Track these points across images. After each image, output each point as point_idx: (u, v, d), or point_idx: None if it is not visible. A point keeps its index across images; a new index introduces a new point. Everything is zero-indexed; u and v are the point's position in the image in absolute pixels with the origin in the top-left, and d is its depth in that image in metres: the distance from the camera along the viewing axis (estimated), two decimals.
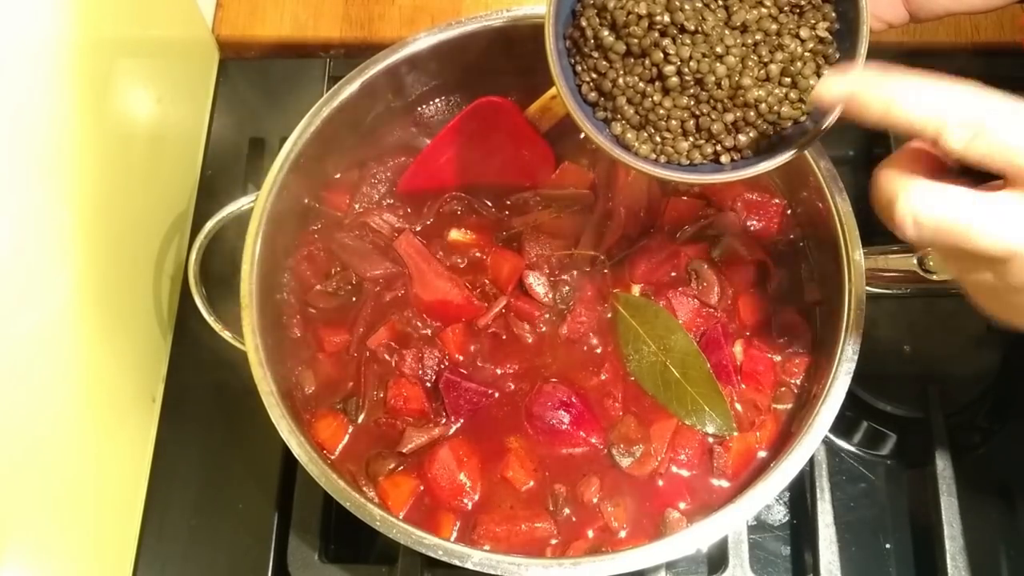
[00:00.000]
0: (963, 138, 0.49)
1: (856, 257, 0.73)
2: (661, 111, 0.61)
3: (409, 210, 0.84)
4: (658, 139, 0.63)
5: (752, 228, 0.82)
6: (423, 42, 0.81)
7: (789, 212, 0.82)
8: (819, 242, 0.79)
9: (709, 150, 0.63)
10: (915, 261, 0.72)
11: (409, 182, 0.84)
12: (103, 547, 0.80)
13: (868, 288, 0.72)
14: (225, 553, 0.83)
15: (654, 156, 0.63)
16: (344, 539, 0.81)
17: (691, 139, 0.63)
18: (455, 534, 0.72)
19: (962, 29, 1.01)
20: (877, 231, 0.76)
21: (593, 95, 0.64)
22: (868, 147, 0.95)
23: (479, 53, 0.82)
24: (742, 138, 0.62)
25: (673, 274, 0.80)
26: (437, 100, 0.87)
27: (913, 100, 0.50)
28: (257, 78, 1.02)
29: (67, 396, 0.73)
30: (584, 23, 0.62)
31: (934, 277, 0.71)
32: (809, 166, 0.75)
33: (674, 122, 0.62)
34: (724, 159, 0.63)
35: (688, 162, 0.63)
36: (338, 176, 0.85)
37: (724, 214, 0.82)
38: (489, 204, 0.84)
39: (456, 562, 0.66)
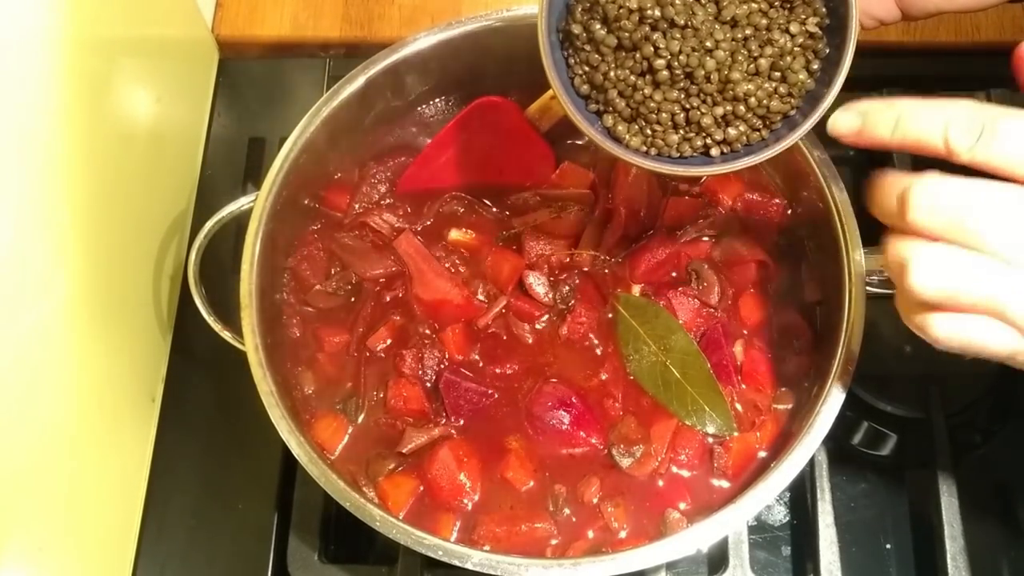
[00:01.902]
0: (969, 142, 0.51)
1: (856, 257, 0.72)
2: (652, 104, 0.62)
3: (409, 210, 0.84)
4: (649, 132, 0.63)
5: (752, 228, 0.82)
6: (423, 42, 0.81)
7: (789, 212, 0.82)
8: (819, 242, 0.78)
9: (699, 143, 0.63)
10: None
11: (409, 182, 0.84)
12: (102, 547, 0.80)
13: (868, 288, 0.72)
14: (225, 553, 0.83)
15: (644, 148, 0.64)
16: (344, 539, 0.81)
17: (681, 132, 0.63)
18: (455, 534, 0.72)
19: (962, 28, 1.01)
20: (878, 231, 0.77)
21: (585, 88, 0.65)
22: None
23: (479, 53, 0.82)
24: (731, 131, 0.63)
25: (673, 274, 0.80)
26: (437, 100, 0.87)
27: (919, 113, 0.53)
28: (257, 78, 1.02)
29: (66, 396, 0.73)
30: (576, 17, 0.63)
31: None
32: (809, 165, 0.75)
33: (664, 115, 0.62)
34: (714, 152, 0.64)
35: (678, 155, 0.64)
36: (338, 176, 0.85)
37: (725, 214, 0.82)
38: (489, 204, 0.84)
39: (456, 562, 0.65)
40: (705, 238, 0.81)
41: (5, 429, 0.65)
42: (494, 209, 0.84)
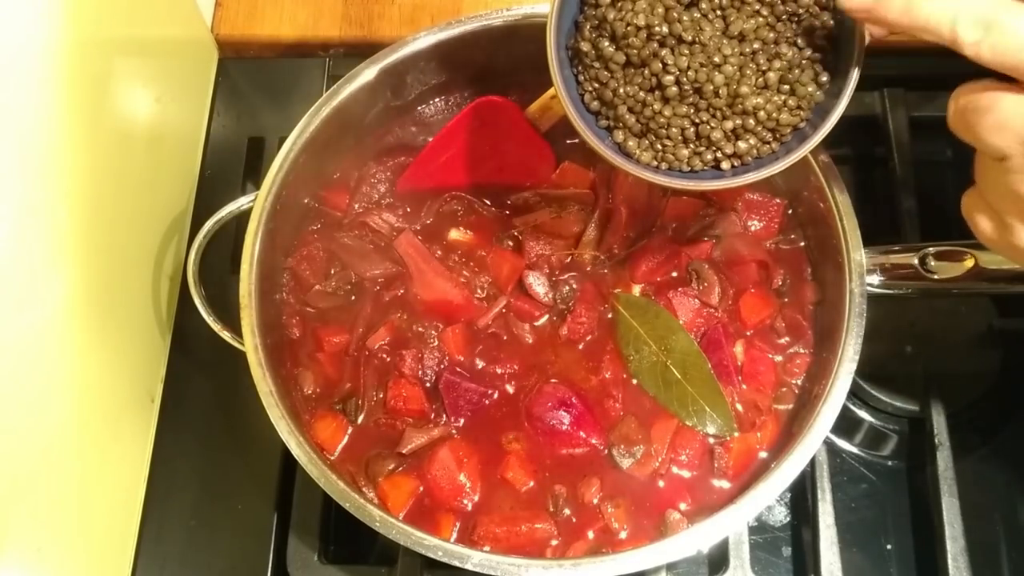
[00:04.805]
0: (976, 36, 0.48)
1: (857, 257, 0.72)
2: (661, 119, 0.62)
3: (409, 210, 0.84)
4: (659, 147, 0.64)
5: (753, 228, 0.82)
6: (423, 41, 0.80)
7: (790, 212, 0.82)
8: (820, 242, 0.78)
9: (709, 157, 0.63)
10: (916, 261, 0.72)
11: (409, 182, 0.84)
12: (102, 548, 0.80)
13: (869, 288, 0.72)
14: (224, 554, 0.83)
15: (655, 163, 0.64)
16: (344, 540, 0.81)
17: (691, 146, 0.63)
18: (455, 535, 0.72)
19: None
20: (878, 231, 0.77)
21: (595, 104, 0.65)
22: (869, 147, 0.95)
23: (479, 52, 0.82)
24: (742, 145, 0.63)
25: (674, 274, 0.80)
26: (437, 100, 0.87)
27: None
28: (256, 77, 1.02)
29: (65, 397, 0.73)
30: (585, 34, 0.63)
31: (935, 277, 0.71)
32: (810, 166, 0.75)
33: (674, 130, 0.62)
34: (724, 165, 0.64)
35: (689, 169, 0.64)
36: (338, 176, 0.85)
37: (725, 214, 0.82)
38: (489, 204, 0.84)
39: (456, 563, 0.65)
40: (705, 238, 0.81)
41: (4, 430, 0.65)
42: (494, 209, 0.84)
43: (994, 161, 0.52)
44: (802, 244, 0.81)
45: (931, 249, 0.71)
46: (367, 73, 0.80)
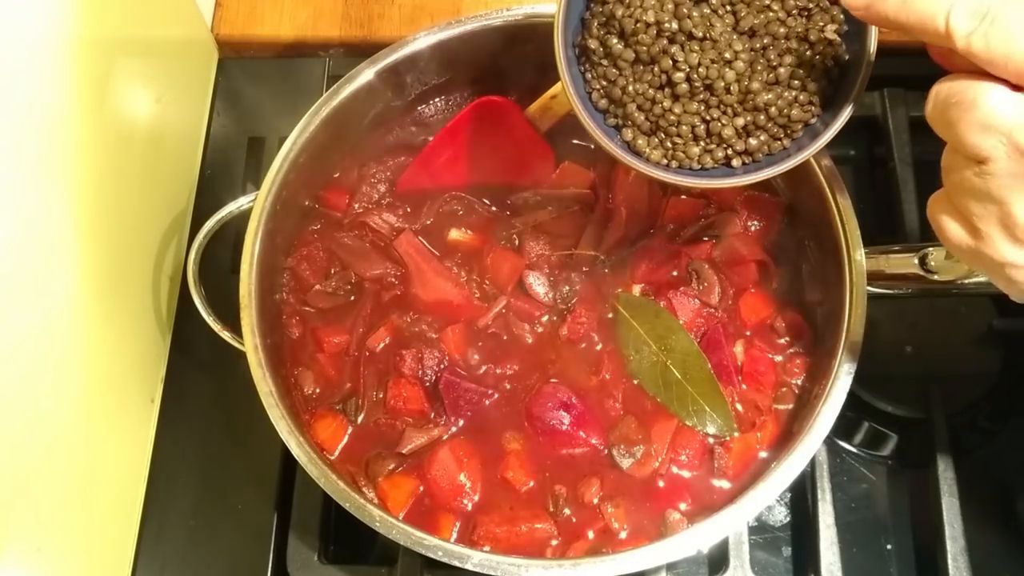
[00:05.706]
0: (970, 26, 0.46)
1: (857, 257, 0.72)
2: (671, 117, 0.62)
3: (409, 210, 0.84)
4: (669, 145, 0.63)
5: (753, 228, 0.82)
6: (423, 41, 0.80)
7: (790, 212, 0.82)
8: (820, 242, 0.78)
9: (720, 154, 0.63)
10: (916, 261, 0.72)
11: (409, 181, 0.84)
12: (102, 548, 0.80)
13: (869, 288, 0.72)
14: (224, 554, 0.83)
15: (665, 161, 0.64)
16: (343, 540, 0.81)
17: (702, 144, 0.63)
18: (455, 535, 0.72)
19: None
20: (878, 231, 0.77)
21: (603, 102, 0.64)
22: (869, 147, 0.95)
23: (479, 52, 0.82)
24: (753, 142, 0.62)
25: (674, 274, 0.80)
26: (437, 100, 0.87)
27: None
28: (256, 77, 1.02)
29: (66, 397, 0.73)
30: (592, 31, 0.63)
31: (935, 277, 0.71)
32: (810, 166, 0.75)
33: (685, 127, 0.62)
34: (735, 163, 0.63)
35: (699, 167, 0.64)
36: (338, 176, 0.85)
37: (725, 214, 0.82)
38: (489, 204, 0.84)
39: (456, 563, 0.65)
40: (705, 238, 0.81)
41: (4, 430, 0.65)
42: (494, 209, 0.84)
43: (969, 162, 0.49)
44: (802, 244, 0.81)
45: (931, 249, 0.71)
46: (367, 73, 0.80)
